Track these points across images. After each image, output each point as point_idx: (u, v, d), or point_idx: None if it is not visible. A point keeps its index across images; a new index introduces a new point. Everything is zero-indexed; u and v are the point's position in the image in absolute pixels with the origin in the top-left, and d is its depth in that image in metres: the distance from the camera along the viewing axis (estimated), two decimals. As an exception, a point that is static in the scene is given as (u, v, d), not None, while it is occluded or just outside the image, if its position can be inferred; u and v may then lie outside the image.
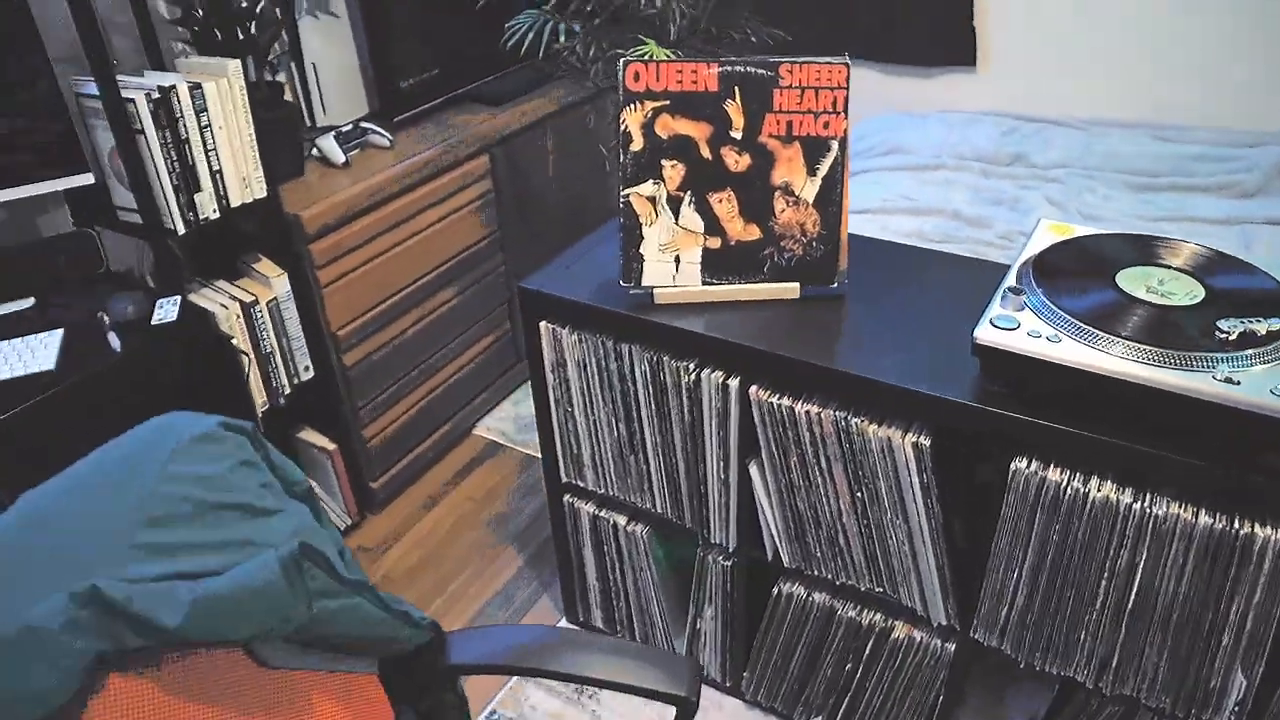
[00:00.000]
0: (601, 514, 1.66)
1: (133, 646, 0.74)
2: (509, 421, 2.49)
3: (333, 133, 1.99)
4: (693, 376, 1.38)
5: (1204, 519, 1.09)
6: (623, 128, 1.34)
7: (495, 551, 2.09)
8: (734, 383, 1.35)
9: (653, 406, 1.47)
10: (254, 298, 1.76)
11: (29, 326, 1.55)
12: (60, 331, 1.52)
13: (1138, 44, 2.50)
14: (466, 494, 2.26)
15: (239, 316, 1.73)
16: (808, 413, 1.30)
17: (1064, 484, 1.15)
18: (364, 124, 2.07)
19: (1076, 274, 1.23)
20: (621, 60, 1.29)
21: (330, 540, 0.92)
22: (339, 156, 1.97)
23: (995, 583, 1.28)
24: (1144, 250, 1.27)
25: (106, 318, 1.55)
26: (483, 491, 2.27)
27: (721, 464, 1.44)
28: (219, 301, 1.73)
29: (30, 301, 1.62)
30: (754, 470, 1.42)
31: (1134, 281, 1.21)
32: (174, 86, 1.54)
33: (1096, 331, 1.12)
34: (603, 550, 1.71)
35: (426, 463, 2.34)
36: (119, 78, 1.53)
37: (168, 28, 1.91)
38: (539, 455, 2.36)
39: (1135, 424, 1.12)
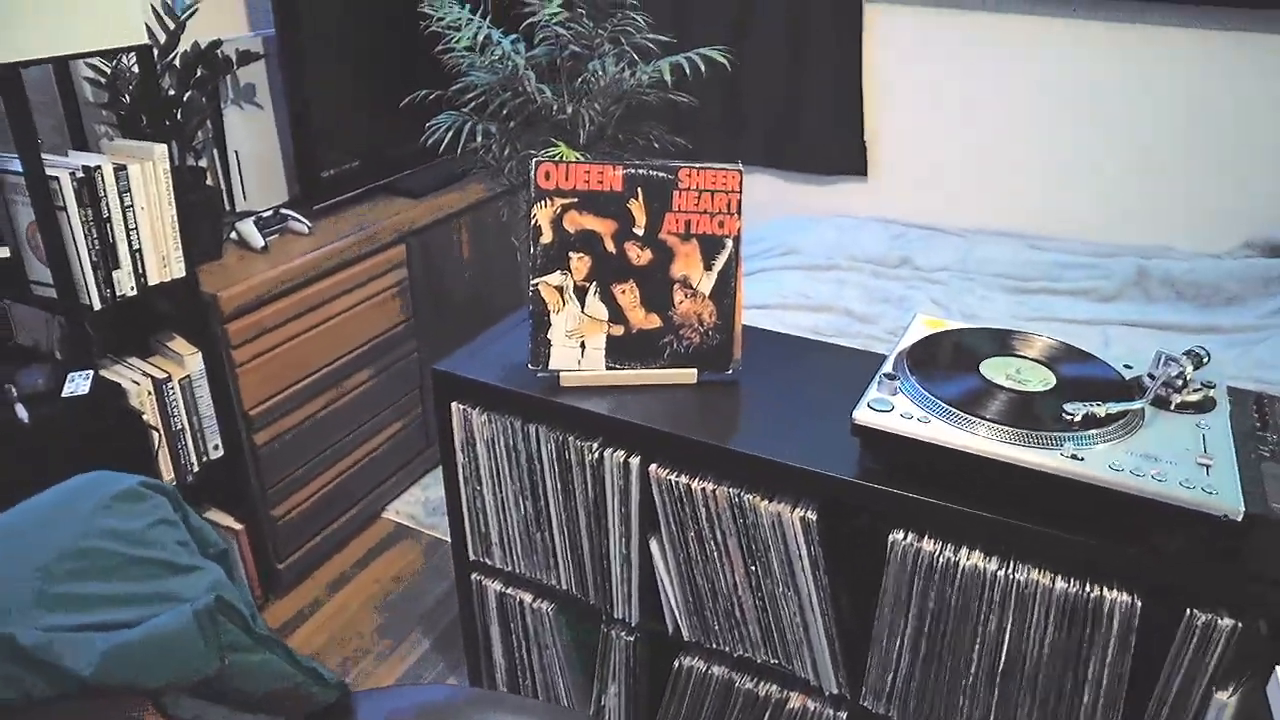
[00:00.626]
0: (508, 591, 1.70)
1: (40, 697, 0.76)
2: (418, 505, 2.51)
3: (252, 218, 2.05)
4: (596, 455, 1.46)
5: (1060, 584, 1.20)
6: (533, 222, 1.44)
7: (402, 634, 2.09)
8: (634, 461, 1.43)
9: (558, 484, 1.53)
10: (167, 375, 1.78)
11: (-69, 398, 1.54)
12: (-36, 404, 1.52)
13: (1010, 164, 2.76)
14: (374, 577, 2.26)
15: (150, 393, 1.75)
16: (704, 490, 1.38)
17: (937, 554, 1.25)
18: (284, 210, 2.13)
19: (945, 362, 1.36)
20: (534, 160, 1.40)
21: (242, 599, 0.95)
22: (258, 241, 2.02)
23: (881, 651, 1.36)
24: (1004, 343, 1.41)
25: (14, 389, 1.55)
26: (390, 574, 2.27)
27: (623, 540, 1.51)
28: (130, 378, 1.74)
29: (-67, 373, 1.61)
30: (654, 546, 1.49)
31: (995, 370, 1.34)
32: (99, 167, 1.59)
33: (961, 413, 1.24)
34: (509, 628, 1.74)
35: (334, 545, 2.33)
36: (43, 156, 1.57)
37: (93, 110, 1.96)
38: (447, 539, 2.37)
39: (998, 497, 1.23)
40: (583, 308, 1.49)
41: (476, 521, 1.67)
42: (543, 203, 1.45)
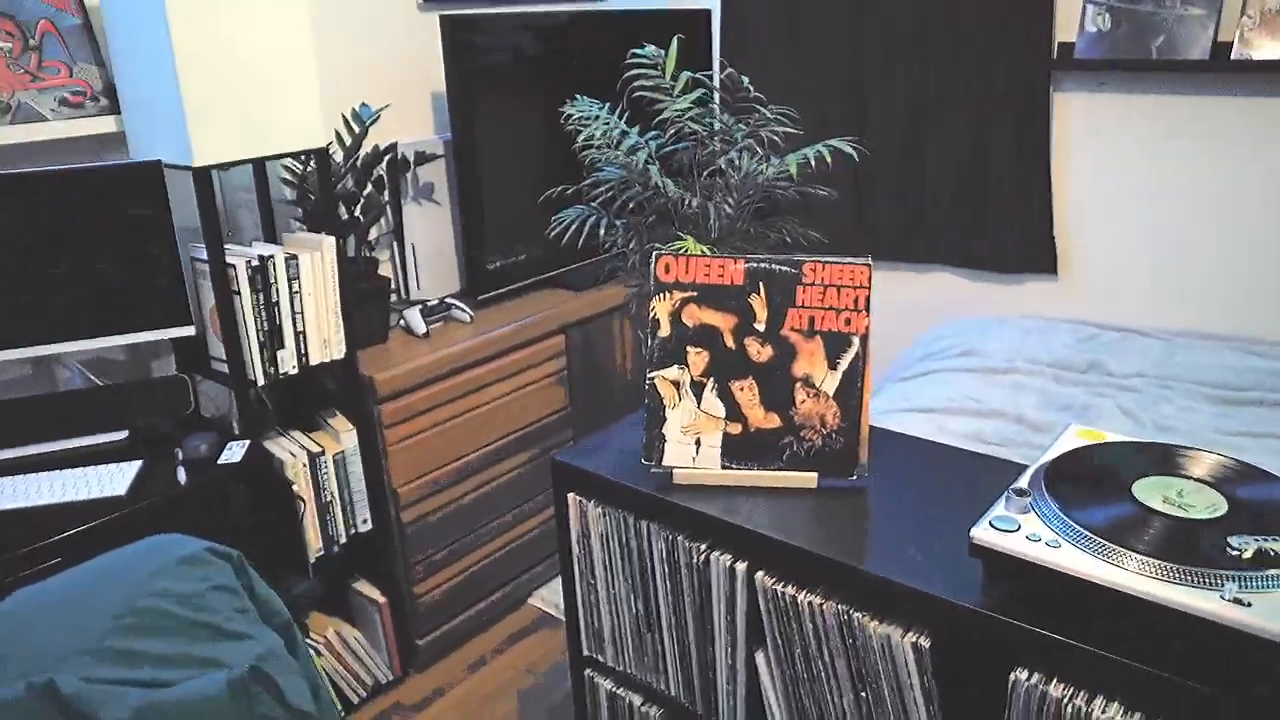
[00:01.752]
0: (619, 692, 1.64)
1: (76, 751, 0.79)
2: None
3: (418, 306, 2.17)
4: (702, 557, 1.39)
5: (1219, 756, 1.01)
6: (652, 315, 1.43)
7: (528, 725, 2.06)
8: (741, 567, 1.36)
9: (668, 585, 1.47)
10: (321, 449, 1.89)
11: (115, 456, 1.72)
12: (139, 463, 1.68)
13: (1221, 260, 2.48)
14: (511, 663, 2.26)
15: (305, 465, 1.86)
16: (810, 603, 1.28)
17: (1065, 700, 1.09)
18: (449, 300, 2.25)
19: (1090, 480, 1.20)
20: (654, 254, 1.39)
21: (303, 675, 0.96)
22: (421, 327, 2.14)
23: (1006, 808, 1.19)
24: (1167, 460, 1.24)
25: (181, 454, 1.69)
26: (527, 662, 2.26)
27: (729, 650, 1.42)
28: (289, 449, 1.86)
29: (124, 434, 1.80)
30: (760, 659, 1.39)
31: (1150, 491, 1.17)
32: (272, 256, 1.74)
33: (1096, 539, 1.09)
34: (618, 731, 1.67)
35: (476, 626, 2.36)
36: (227, 246, 1.75)
37: (289, 207, 2.17)
38: (588, 631, 2.35)
39: (1142, 642, 1.06)
40: (699, 404, 1.45)
41: (590, 616, 1.63)
42: (661, 295, 1.43)
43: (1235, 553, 1.05)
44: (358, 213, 2.08)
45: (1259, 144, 2.38)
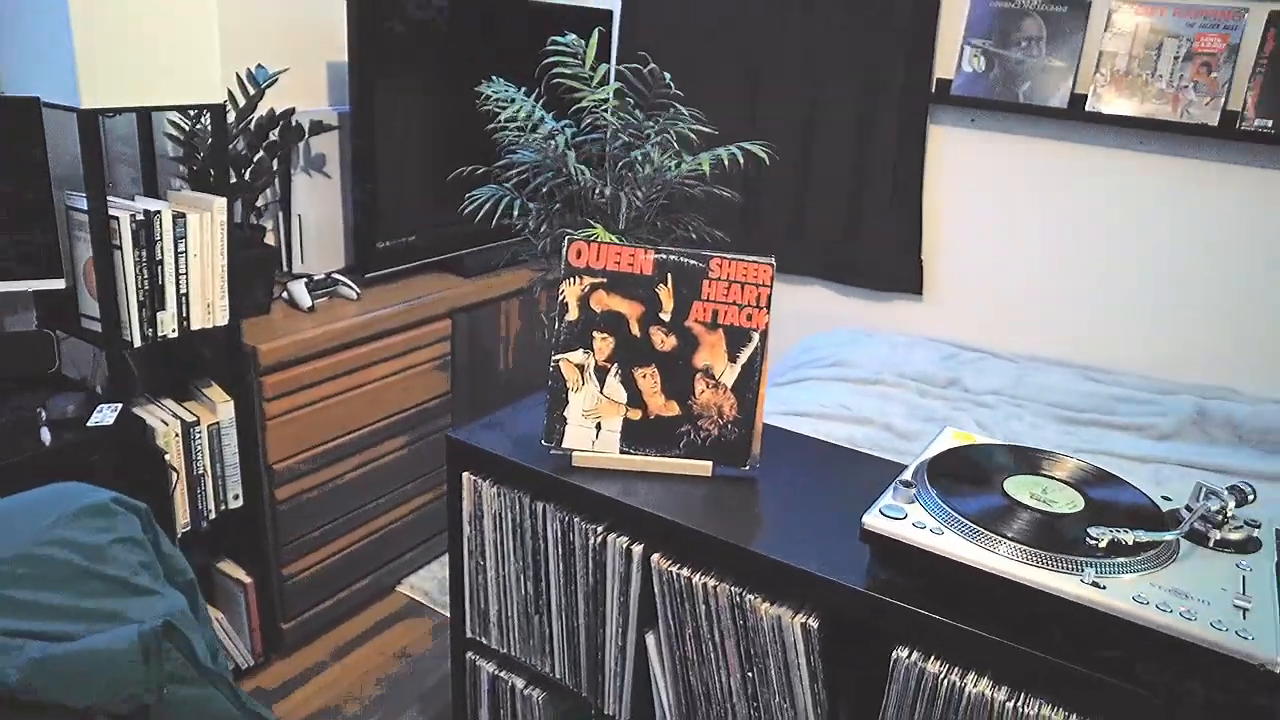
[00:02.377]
0: (501, 674, 1.64)
1: (-34, 704, 0.74)
2: (434, 582, 2.47)
3: (304, 279, 2.10)
4: (599, 539, 1.42)
5: (1072, 725, 1.11)
6: (561, 298, 1.45)
7: (397, 710, 2.02)
8: (637, 549, 1.39)
9: (560, 567, 1.49)
10: (196, 419, 1.80)
11: (-34, 416, 1.59)
12: (-5, 423, 1.56)
13: (1071, 292, 2.71)
14: (379, 649, 2.22)
15: (177, 435, 1.77)
16: (704, 585, 1.33)
17: (942, 676, 1.17)
18: (335, 275, 2.19)
19: (967, 476, 1.30)
20: (567, 238, 1.41)
21: (202, 634, 0.93)
22: (305, 301, 2.07)
23: (877, 780, 1.27)
24: (1032, 462, 1.35)
25: (44, 413, 1.58)
26: (395, 649, 2.22)
27: (620, 631, 1.45)
28: (161, 417, 1.77)
29: (-25, 393, 1.67)
30: (650, 640, 1.43)
31: (1019, 488, 1.28)
32: (159, 212, 1.66)
33: (976, 528, 1.18)
34: (499, 713, 1.67)
35: (344, 612, 2.30)
36: (109, 198, 1.65)
37: (171, 165, 2.06)
38: (458, 619, 2.33)
39: (1011, 622, 1.15)
40: (602, 388, 1.48)
41: (477, 598, 1.63)
42: (572, 280, 1.45)
43: (1094, 542, 1.16)
44: (247, 177, 2.00)
45: (1108, 190, 2.62)
